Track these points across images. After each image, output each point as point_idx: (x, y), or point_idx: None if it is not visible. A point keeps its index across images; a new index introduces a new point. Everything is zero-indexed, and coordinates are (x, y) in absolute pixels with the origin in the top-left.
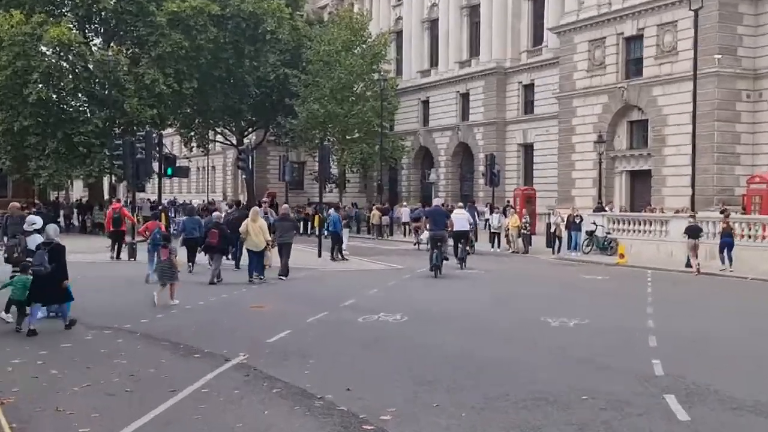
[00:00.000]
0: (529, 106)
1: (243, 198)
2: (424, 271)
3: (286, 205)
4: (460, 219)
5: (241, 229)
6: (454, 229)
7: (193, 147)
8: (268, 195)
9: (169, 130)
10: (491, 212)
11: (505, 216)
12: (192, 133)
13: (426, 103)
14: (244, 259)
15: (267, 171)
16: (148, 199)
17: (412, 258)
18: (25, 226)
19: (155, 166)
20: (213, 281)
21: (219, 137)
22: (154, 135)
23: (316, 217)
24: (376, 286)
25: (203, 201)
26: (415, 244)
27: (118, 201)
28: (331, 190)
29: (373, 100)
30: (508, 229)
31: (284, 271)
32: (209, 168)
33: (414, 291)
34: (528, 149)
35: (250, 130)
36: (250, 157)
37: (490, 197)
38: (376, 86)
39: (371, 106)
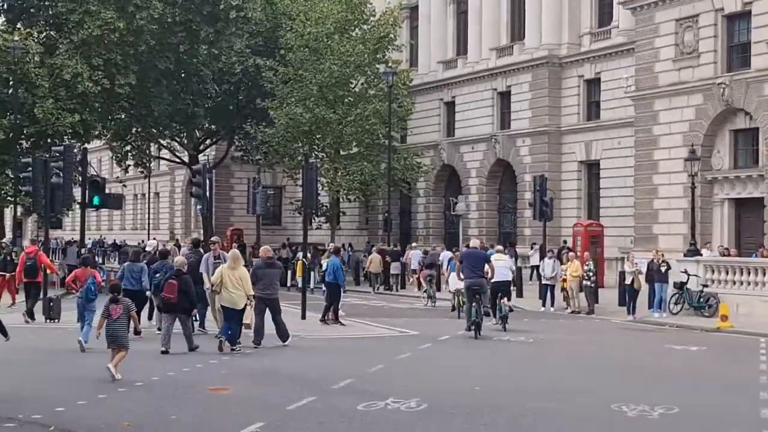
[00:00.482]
0: (593, 108)
1: (196, 236)
2: (447, 338)
3: (266, 247)
4: (501, 266)
5: (214, 278)
6: (494, 279)
7: (128, 166)
8: (233, 233)
9: (97, 143)
10: (542, 257)
11: (561, 262)
12: (128, 148)
13: (451, 106)
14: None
15: (231, 199)
16: (69, 241)
17: (431, 319)
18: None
19: (77, 193)
20: (167, 350)
21: (165, 153)
22: (75, 150)
23: (298, 263)
24: (382, 359)
25: (159, 243)
26: (426, 300)
27: (34, 243)
28: (319, 225)
29: (377, 102)
30: (565, 279)
31: (283, 334)
32: (150, 195)
33: (435, 366)
34: (592, 169)
35: (207, 142)
36: (207, 180)
37: (540, 236)
38: (381, 82)
39: (375, 109)
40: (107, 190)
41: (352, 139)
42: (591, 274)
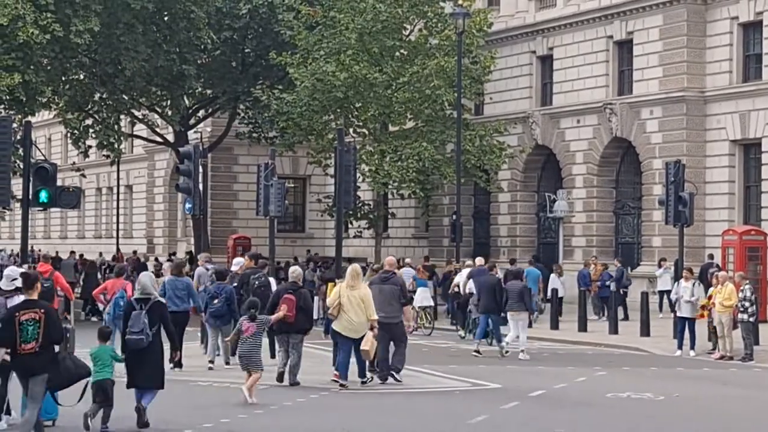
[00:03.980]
0: (751, 65)
1: (184, 248)
2: (543, 392)
3: (391, 258)
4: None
5: (330, 300)
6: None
7: (89, 148)
8: (236, 243)
9: (45, 115)
10: (677, 278)
11: (706, 286)
12: (88, 122)
13: (547, 62)
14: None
15: (233, 195)
16: (11, 252)
17: (518, 366)
18: (2, 284)
19: (16, 185)
20: (293, 380)
21: (141, 129)
22: (14, 125)
23: (329, 287)
24: (444, 425)
25: (136, 255)
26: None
27: (47, 261)
28: (359, 232)
29: (442, 56)
30: (710, 309)
31: (397, 366)
32: (120, 189)
33: None
34: (750, 151)
35: (201, 114)
36: (200, 168)
37: (674, 248)
38: (448, 28)
39: (439, 66)
40: (59, 182)
41: (406, 109)
42: (749, 303)
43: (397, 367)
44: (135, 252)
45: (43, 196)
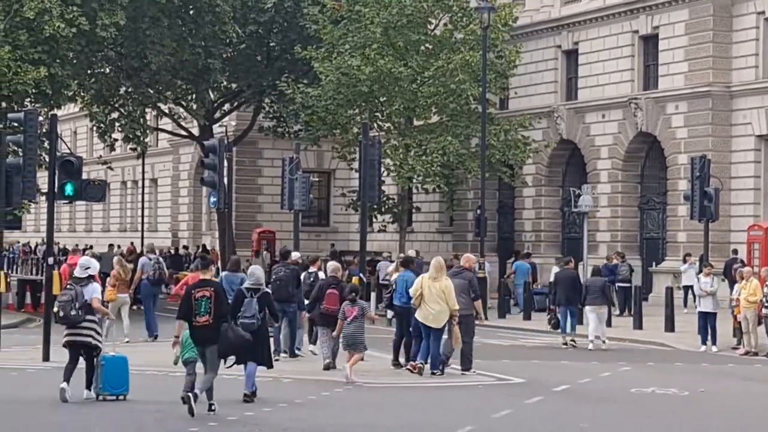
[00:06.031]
0: None
1: (208, 243)
2: (567, 387)
3: (469, 255)
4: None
5: (413, 290)
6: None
7: (115, 142)
8: (261, 236)
9: (71, 109)
10: (701, 272)
11: (729, 281)
12: (114, 115)
13: (573, 56)
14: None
15: (258, 189)
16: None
17: (542, 361)
18: (77, 272)
19: (42, 178)
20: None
21: (166, 123)
22: (41, 118)
23: (354, 281)
24: (467, 420)
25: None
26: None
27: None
28: (383, 227)
29: (467, 50)
30: (736, 305)
31: (466, 361)
32: (146, 183)
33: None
34: None
35: (226, 108)
36: (225, 162)
37: (699, 243)
38: (473, 22)
39: (464, 61)
40: (85, 175)
41: (431, 103)
42: None
43: (467, 365)
44: (132, 244)
45: (69, 189)
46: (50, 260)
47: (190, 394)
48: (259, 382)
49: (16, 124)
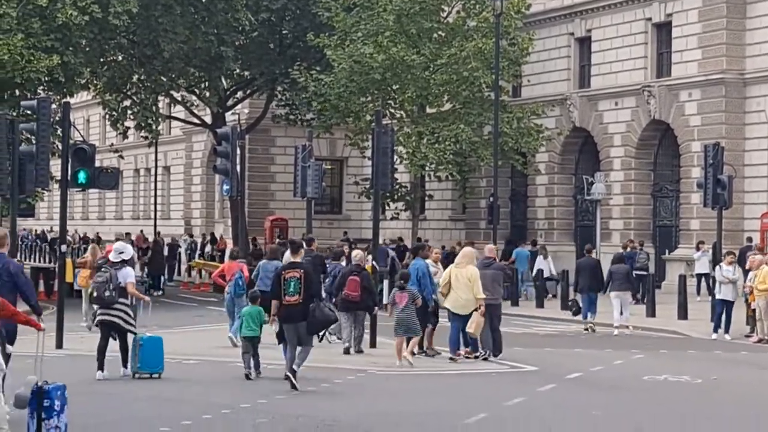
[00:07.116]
0: None
1: (218, 231)
2: (580, 375)
3: (491, 246)
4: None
5: (442, 279)
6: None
7: (127, 129)
8: (273, 224)
9: (84, 97)
10: (714, 261)
11: (743, 268)
12: (127, 103)
13: (585, 44)
14: None
15: (270, 177)
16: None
17: (554, 349)
18: (111, 256)
19: (55, 166)
20: (358, 349)
21: (179, 110)
22: (54, 106)
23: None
24: (480, 407)
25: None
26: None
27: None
28: (396, 214)
29: (480, 38)
30: (750, 293)
31: (497, 346)
32: (157, 170)
33: (560, 418)
34: None
35: (238, 95)
36: (237, 150)
37: (712, 231)
38: (486, 9)
39: (477, 48)
40: (98, 163)
41: (444, 91)
42: None
43: (497, 350)
44: (128, 234)
45: (82, 177)
46: (63, 248)
47: (252, 371)
48: (272, 368)
49: (29, 112)
